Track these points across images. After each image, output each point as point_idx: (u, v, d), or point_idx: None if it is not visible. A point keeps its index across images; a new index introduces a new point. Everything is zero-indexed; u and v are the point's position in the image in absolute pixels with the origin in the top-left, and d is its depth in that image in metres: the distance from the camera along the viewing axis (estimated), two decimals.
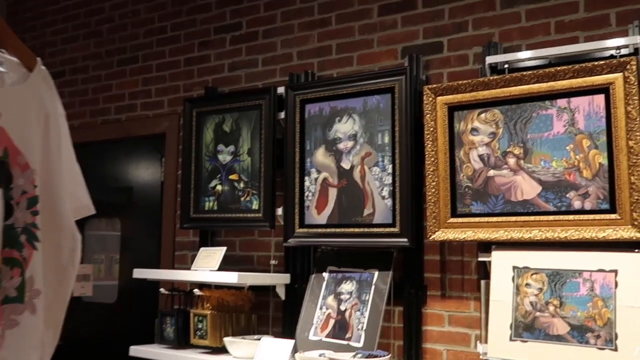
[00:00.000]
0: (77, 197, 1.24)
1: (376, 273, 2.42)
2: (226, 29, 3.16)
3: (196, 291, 2.59)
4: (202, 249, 2.79)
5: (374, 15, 2.75)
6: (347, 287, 2.48)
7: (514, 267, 2.10)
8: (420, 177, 2.40)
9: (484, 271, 2.25)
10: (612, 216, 1.99)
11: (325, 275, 2.55)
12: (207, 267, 2.63)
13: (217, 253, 2.68)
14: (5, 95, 1.09)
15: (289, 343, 2.35)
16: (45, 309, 1.14)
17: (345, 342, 2.36)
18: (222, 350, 2.51)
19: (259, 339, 2.45)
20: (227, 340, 2.47)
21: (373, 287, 2.40)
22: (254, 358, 2.37)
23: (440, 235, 2.27)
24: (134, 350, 2.68)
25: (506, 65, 2.31)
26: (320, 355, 2.26)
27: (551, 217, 2.08)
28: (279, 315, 2.74)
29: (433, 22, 2.59)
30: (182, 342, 2.62)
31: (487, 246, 2.22)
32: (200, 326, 2.56)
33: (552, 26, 2.35)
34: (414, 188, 2.38)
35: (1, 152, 1.08)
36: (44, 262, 1.15)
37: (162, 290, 2.76)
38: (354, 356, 2.20)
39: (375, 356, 2.18)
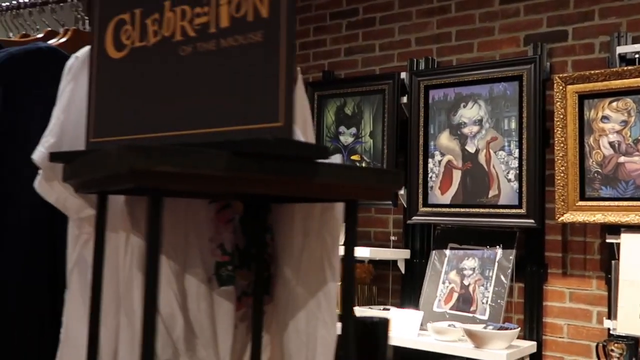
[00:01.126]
0: None
1: (499, 251, 2.58)
2: (342, 14, 3.30)
3: None
4: None
5: (496, 3, 2.84)
6: (470, 263, 2.64)
7: None
8: (544, 161, 2.53)
9: (609, 252, 2.37)
10: None
11: (447, 251, 2.71)
12: None
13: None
14: None
15: (418, 314, 2.54)
16: None
17: (470, 315, 2.53)
18: None
19: (386, 309, 2.65)
20: (357, 310, 2.68)
21: (496, 264, 2.56)
22: None
23: (569, 217, 2.40)
24: None
25: (637, 56, 2.39)
26: (449, 325, 2.45)
27: None
28: (397, 288, 2.93)
29: (558, 10, 2.68)
30: None
31: (613, 229, 2.34)
32: None
33: None
34: (539, 172, 2.50)
35: None
36: None
37: None
38: (485, 327, 2.37)
39: (506, 328, 2.34)
